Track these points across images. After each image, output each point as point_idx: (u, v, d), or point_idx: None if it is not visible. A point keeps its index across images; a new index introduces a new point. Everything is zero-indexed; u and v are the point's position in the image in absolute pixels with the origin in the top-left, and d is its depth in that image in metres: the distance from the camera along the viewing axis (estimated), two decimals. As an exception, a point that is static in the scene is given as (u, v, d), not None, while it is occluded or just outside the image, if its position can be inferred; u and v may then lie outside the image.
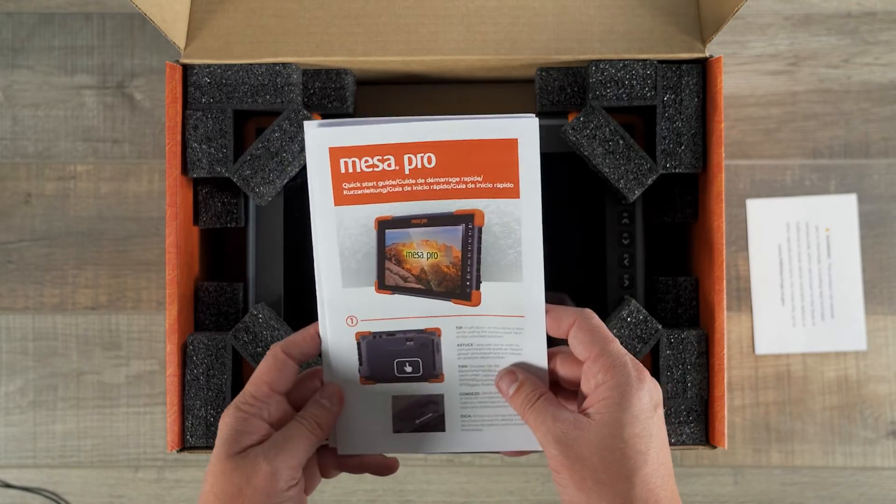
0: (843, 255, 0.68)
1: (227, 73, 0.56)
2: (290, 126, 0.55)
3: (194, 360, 0.56)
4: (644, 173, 0.55)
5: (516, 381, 0.46)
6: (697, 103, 0.56)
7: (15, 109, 0.69)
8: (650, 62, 0.56)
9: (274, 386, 0.46)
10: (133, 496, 0.69)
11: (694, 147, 0.56)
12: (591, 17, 0.57)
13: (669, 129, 0.56)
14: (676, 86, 0.56)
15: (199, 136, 0.56)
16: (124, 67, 0.69)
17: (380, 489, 0.68)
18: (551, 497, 0.68)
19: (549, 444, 0.43)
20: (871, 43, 0.68)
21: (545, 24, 0.57)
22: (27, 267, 0.69)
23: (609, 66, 0.56)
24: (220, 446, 0.45)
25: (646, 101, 0.56)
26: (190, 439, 0.55)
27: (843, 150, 0.69)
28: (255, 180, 0.55)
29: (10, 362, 0.69)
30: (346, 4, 0.57)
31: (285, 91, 0.56)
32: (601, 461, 0.42)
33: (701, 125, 0.56)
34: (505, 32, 0.57)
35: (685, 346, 0.55)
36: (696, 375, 0.55)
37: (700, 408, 0.56)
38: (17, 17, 0.69)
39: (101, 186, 0.69)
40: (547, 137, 0.56)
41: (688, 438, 0.56)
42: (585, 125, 0.55)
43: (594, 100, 0.56)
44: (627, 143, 0.55)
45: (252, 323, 0.55)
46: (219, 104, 0.56)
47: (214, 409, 0.55)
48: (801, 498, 0.67)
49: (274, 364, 0.46)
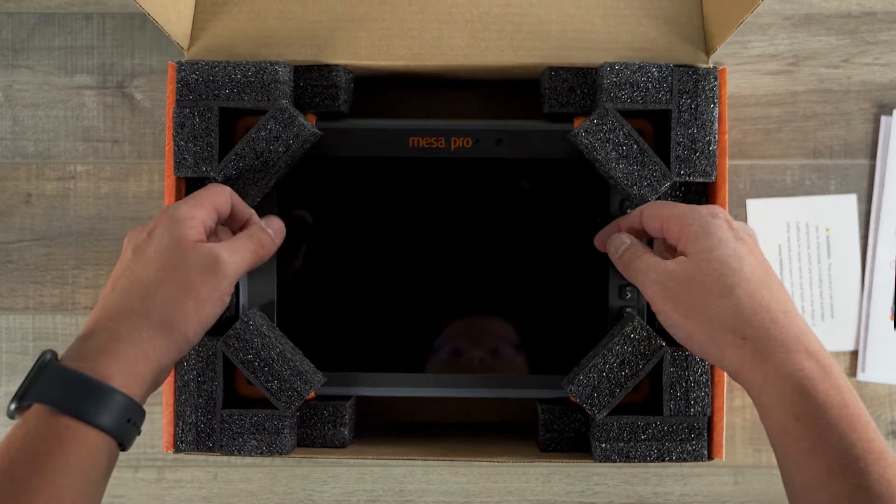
0: (843, 255, 0.68)
1: (214, 69, 0.55)
2: (275, 125, 0.54)
3: (185, 366, 0.55)
4: (658, 179, 0.54)
5: (623, 244, 0.52)
6: (714, 109, 0.55)
7: (15, 109, 0.69)
8: (666, 65, 0.55)
9: (214, 203, 0.49)
10: (133, 496, 0.69)
11: (709, 155, 0.55)
12: (595, 25, 0.57)
13: (685, 135, 0.55)
14: (693, 90, 0.55)
15: (186, 135, 0.55)
16: (124, 67, 0.69)
17: (380, 489, 0.68)
18: (551, 497, 0.68)
19: (651, 285, 0.47)
20: (871, 43, 0.69)
21: (549, 32, 0.57)
22: (27, 267, 0.69)
23: (624, 68, 0.54)
24: (166, 235, 0.46)
25: (660, 104, 0.55)
26: (181, 445, 0.55)
27: (843, 150, 0.69)
28: (239, 181, 0.54)
29: (10, 362, 0.69)
30: (349, 8, 0.57)
31: (271, 89, 0.55)
32: (700, 286, 0.44)
33: (716, 132, 0.55)
34: (508, 39, 0.57)
35: (689, 363, 0.54)
36: (700, 393, 0.54)
37: (703, 425, 0.55)
38: (17, 17, 0.69)
39: (101, 186, 0.69)
40: (551, 143, 0.57)
41: (689, 455, 0.55)
42: (599, 128, 0.54)
43: (608, 102, 0.54)
44: (641, 148, 0.54)
45: (243, 330, 0.54)
46: (205, 101, 0.55)
47: (205, 415, 0.55)
48: (800, 498, 0.67)
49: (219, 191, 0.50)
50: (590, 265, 0.58)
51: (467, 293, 0.58)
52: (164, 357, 0.45)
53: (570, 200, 0.58)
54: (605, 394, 0.53)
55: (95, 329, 0.44)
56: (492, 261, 0.58)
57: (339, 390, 0.58)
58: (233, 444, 0.55)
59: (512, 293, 0.58)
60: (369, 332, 0.59)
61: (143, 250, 0.46)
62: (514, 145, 0.57)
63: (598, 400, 0.53)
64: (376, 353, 0.58)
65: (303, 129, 0.54)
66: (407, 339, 0.58)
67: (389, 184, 0.58)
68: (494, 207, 0.58)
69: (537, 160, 0.57)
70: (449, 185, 0.58)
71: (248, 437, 0.54)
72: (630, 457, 0.54)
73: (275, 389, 0.53)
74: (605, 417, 0.54)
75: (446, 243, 0.58)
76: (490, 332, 0.58)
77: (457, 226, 0.58)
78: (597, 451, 0.54)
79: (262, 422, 0.54)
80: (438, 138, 0.57)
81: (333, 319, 0.58)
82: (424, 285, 0.58)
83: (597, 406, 0.53)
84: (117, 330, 0.43)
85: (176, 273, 0.45)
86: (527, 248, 0.58)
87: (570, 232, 0.58)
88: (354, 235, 0.58)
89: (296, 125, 0.54)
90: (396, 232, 0.58)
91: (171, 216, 0.47)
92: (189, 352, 0.53)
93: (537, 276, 0.58)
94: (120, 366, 0.42)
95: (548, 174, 0.58)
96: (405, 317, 0.59)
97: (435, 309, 0.58)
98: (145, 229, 0.48)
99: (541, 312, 0.58)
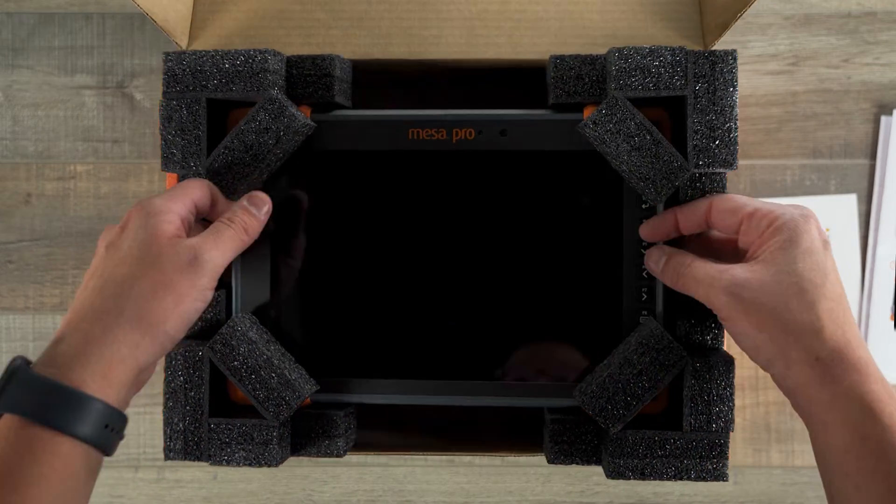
0: (843, 255, 0.68)
1: (202, 59, 0.52)
2: (265, 116, 0.50)
3: (173, 371, 0.52)
4: (674, 172, 0.49)
5: (664, 254, 0.49)
6: (733, 93, 0.50)
7: (15, 109, 0.69)
8: (679, 48, 0.50)
9: (190, 195, 0.47)
10: (133, 496, 0.69)
11: (729, 142, 0.50)
12: (593, 21, 0.57)
13: (702, 122, 0.50)
14: (710, 74, 0.50)
15: (173, 128, 0.52)
16: (124, 67, 0.69)
17: (380, 489, 0.68)
18: (551, 497, 0.68)
19: (718, 294, 0.43)
20: (871, 43, 0.69)
21: (547, 28, 0.57)
22: (27, 267, 0.69)
23: (634, 53, 0.50)
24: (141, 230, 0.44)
25: (674, 90, 0.50)
26: (170, 453, 0.52)
27: (843, 150, 0.69)
28: (228, 176, 0.51)
29: (10, 362, 0.69)
30: (348, 6, 0.57)
31: (259, 78, 0.51)
32: (779, 298, 0.42)
33: (736, 118, 0.51)
34: (507, 36, 0.57)
35: (712, 375, 0.50)
36: (723, 407, 0.50)
37: (725, 442, 0.51)
38: (17, 17, 0.69)
39: (101, 186, 0.69)
40: (558, 134, 0.53)
41: (709, 475, 0.51)
42: (608, 118, 0.49)
43: (617, 90, 0.50)
44: (655, 139, 0.49)
45: (229, 335, 0.51)
46: (192, 93, 0.52)
47: (193, 423, 0.52)
48: (801, 498, 0.67)
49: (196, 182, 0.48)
50: (602, 265, 0.54)
51: (471, 295, 0.55)
52: (142, 356, 0.42)
53: (580, 196, 0.54)
54: (621, 406, 0.49)
55: (67, 332, 0.41)
56: (497, 260, 0.54)
57: (336, 397, 0.55)
58: (220, 455, 0.51)
59: (518, 295, 0.54)
60: (368, 336, 0.55)
61: (116, 247, 0.44)
62: (520, 136, 0.53)
63: (613, 413, 0.49)
64: (375, 357, 0.55)
65: (294, 120, 0.51)
66: (406, 344, 0.55)
67: (387, 178, 0.54)
68: (499, 203, 0.54)
69: (544, 152, 0.53)
70: (450, 180, 0.54)
71: (237, 448, 0.51)
72: (645, 474, 0.50)
73: (262, 398, 0.50)
74: (619, 431, 0.50)
75: (448, 241, 0.55)
76: (496, 335, 0.54)
77: (459, 223, 0.54)
78: (609, 466, 0.51)
79: (250, 432, 0.51)
80: (439, 129, 0.54)
81: (331, 322, 0.55)
82: (425, 286, 0.55)
83: (611, 419, 0.50)
84: (90, 332, 0.41)
85: (152, 269, 0.43)
86: (534, 248, 0.54)
87: (580, 230, 0.54)
88: (350, 233, 0.55)
89: (286, 115, 0.51)
90: (394, 229, 0.55)
91: (145, 210, 0.45)
92: (177, 356, 0.52)
93: (545, 277, 0.54)
94: (94, 370, 0.40)
95: (556, 167, 0.54)
96: (405, 320, 0.55)
97: (436, 312, 0.55)
98: (119, 225, 0.46)
99: (549, 316, 0.54)
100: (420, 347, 0.55)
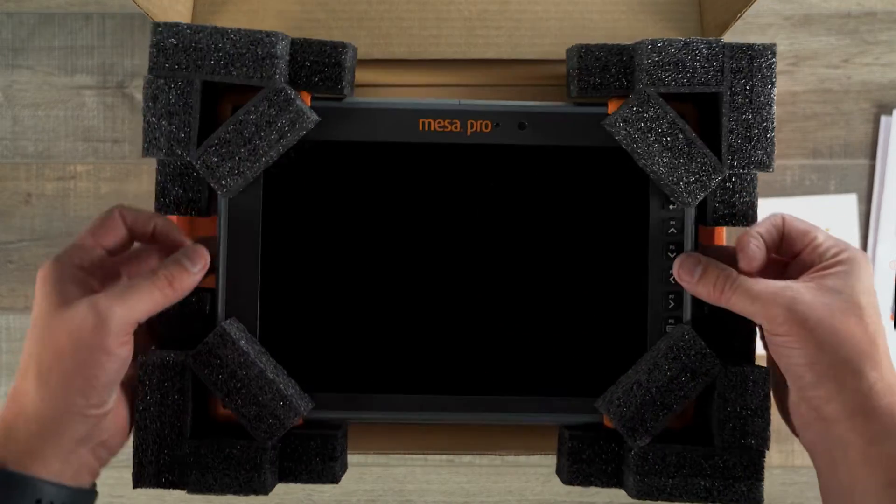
0: (843, 256, 0.68)
1: (199, 35, 0.47)
2: (268, 108, 0.46)
3: (147, 386, 0.46)
4: (707, 174, 0.46)
5: (700, 264, 0.46)
6: (772, 90, 0.47)
7: (15, 109, 0.69)
8: (716, 41, 0.47)
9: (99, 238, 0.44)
10: (133, 496, 0.69)
11: (766, 142, 0.47)
12: (594, 21, 0.57)
13: (738, 120, 0.47)
14: (748, 69, 0.47)
15: (159, 110, 0.46)
16: (124, 67, 0.69)
17: (380, 489, 0.68)
18: (551, 497, 0.68)
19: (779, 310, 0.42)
20: (871, 43, 0.69)
21: (548, 28, 0.57)
22: (27, 267, 0.69)
23: (668, 45, 0.47)
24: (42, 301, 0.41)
25: (709, 87, 0.47)
26: (139, 478, 0.46)
27: (843, 150, 0.69)
28: (221, 170, 0.46)
29: (10, 362, 0.69)
30: (348, 7, 0.57)
31: (266, 64, 0.46)
32: (841, 324, 0.41)
33: (773, 117, 0.48)
34: (507, 36, 0.57)
35: (747, 386, 0.46)
36: (759, 422, 0.46)
37: (760, 463, 0.47)
38: (17, 17, 0.69)
39: (101, 186, 0.69)
40: (581, 129, 0.50)
41: (742, 498, 0.46)
42: (639, 116, 0.46)
43: (649, 85, 0.47)
44: (688, 139, 0.46)
45: (216, 344, 0.46)
46: (185, 72, 0.47)
47: (170, 452, 0.46)
48: (801, 498, 0.67)
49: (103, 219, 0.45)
50: (626, 271, 0.50)
51: (484, 301, 0.50)
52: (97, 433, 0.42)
53: (603, 195, 0.50)
54: (650, 417, 0.46)
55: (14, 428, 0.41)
56: (513, 264, 0.50)
57: (331, 414, 0.49)
58: (202, 482, 0.46)
59: (536, 302, 0.50)
60: (368, 348, 0.50)
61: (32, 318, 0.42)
62: (540, 130, 0.49)
63: (641, 424, 0.46)
64: (375, 371, 0.50)
65: (300, 116, 0.46)
66: (413, 356, 0.50)
67: (395, 173, 0.50)
68: (516, 202, 0.50)
69: (566, 147, 0.50)
70: (464, 176, 0.50)
71: (221, 474, 0.46)
72: (673, 495, 0.46)
73: (252, 416, 0.45)
74: (645, 445, 0.47)
75: (460, 243, 0.50)
76: (511, 345, 0.50)
77: (472, 223, 0.50)
78: (635, 484, 0.47)
79: (237, 455, 0.46)
80: (453, 121, 0.49)
81: (327, 332, 0.50)
82: (435, 292, 0.50)
83: (639, 432, 0.46)
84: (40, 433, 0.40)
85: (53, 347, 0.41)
86: (553, 250, 0.50)
87: (602, 232, 0.50)
88: (353, 234, 0.50)
89: (293, 110, 0.46)
90: (402, 229, 0.50)
91: (40, 275, 0.42)
92: (152, 369, 0.46)
93: (565, 284, 0.50)
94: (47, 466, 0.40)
95: (578, 164, 0.50)
96: (410, 330, 0.50)
97: (446, 320, 0.50)
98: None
99: (568, 325, 0.50)
100: (428, 360, 0.50)
